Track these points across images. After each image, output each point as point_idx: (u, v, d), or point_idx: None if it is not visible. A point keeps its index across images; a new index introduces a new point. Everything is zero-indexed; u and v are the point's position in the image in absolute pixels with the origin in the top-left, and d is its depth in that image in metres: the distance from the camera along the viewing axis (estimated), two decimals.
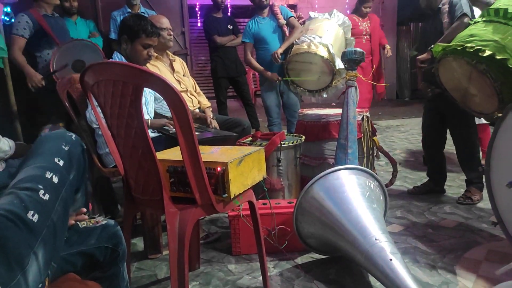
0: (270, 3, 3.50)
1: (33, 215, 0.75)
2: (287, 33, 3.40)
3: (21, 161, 0.88)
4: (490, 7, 2.13)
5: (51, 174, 0.83)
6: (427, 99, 2.74)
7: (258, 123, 4.52)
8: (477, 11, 2.60)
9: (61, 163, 0.86)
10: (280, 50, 3.28)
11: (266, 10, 3.48)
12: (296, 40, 3.28)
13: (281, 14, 3.42)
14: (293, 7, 7.63)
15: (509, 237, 1.74)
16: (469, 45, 2.01)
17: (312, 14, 3.51)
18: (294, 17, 3.46)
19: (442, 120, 2.68)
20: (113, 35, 3.68)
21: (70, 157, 0.89)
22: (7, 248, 0.70)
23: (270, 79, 3.45)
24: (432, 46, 2.32)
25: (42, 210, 0.77)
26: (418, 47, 2.90)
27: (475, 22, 2.20)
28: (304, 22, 3.53)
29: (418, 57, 2.55)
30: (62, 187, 0.84)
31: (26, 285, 0.72)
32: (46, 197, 0.79)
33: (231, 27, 4.41)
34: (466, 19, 2.34)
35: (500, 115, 1.76)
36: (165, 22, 2.56)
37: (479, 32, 2.07)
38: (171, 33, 2.57)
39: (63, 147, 0.89)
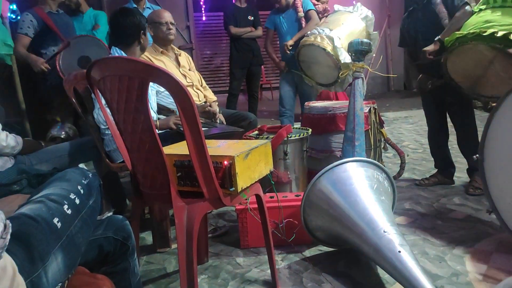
0: None
1: (57, 222, 0.88)
2: (303, 25, 3.43)
3: (48, 181, 1.03)
4: None
5: (74, 196, 0.98)
6: (425, 91, 2.71)
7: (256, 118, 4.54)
8: None
9: (82, 191, 1.01)
10: (291, 42, 3.40)
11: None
12: (308, 32, 3.28)
13: (302, 6, 3.47)
14: None
15: (504, 224, 1.76)
16: (496, 29, 2.03)
17: (336, 7, 3.43)
18: (315, 10, 3.52)
19: (443, 111, 2.71)
20: None
21: (89, 187, 1.06)
22: (32, 244, 0.80)
23: (277, 65, 3.63)
24: (438, 36, 2.38)
25: (64, 221, 0.90)
26: (403, 42, 2.78)
27: (480, 10, 2.24)
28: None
29: (425, 48, 2.49)
30: (82, 209, 0.98)
31: (46, 279, 0.80)
32: (69, 211, 0.93)
33: (252, 18, 4.38)
34: (468, 7, 2.34)
35: (494, 105, 1.77)
36: (165, 16, 2.54)
37: (494, 18, 2.11)
38: (171, 27, 2.55)
39: (83, 180, 1.05)
